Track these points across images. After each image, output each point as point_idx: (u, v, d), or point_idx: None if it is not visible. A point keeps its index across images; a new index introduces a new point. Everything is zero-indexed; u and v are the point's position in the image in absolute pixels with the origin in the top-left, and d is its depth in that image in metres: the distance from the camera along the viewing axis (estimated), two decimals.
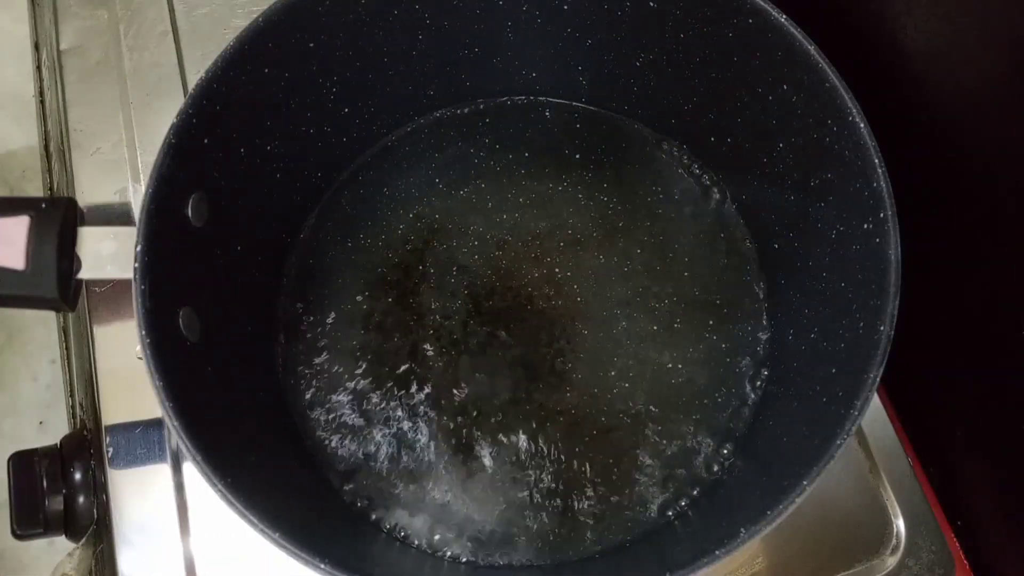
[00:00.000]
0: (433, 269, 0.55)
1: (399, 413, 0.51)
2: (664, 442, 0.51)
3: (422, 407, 0.51)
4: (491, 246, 0.55)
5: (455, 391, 0.52)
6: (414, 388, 0.52)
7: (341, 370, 0.52)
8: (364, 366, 0.52)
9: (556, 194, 0.57)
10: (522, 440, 0.51)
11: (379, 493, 0.50)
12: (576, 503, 0.50)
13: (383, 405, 0.51)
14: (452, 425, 0.51)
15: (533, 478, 0.50)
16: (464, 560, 0.49)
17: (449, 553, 0.49)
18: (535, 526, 0.49)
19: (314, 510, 0.47)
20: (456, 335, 0.53)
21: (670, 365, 0.52)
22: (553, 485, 0.50)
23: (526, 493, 0.50)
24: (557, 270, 0.55)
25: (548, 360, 0.52)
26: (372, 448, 0.51)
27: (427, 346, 0.53)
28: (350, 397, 0.52)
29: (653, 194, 0.57)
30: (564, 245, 0.55)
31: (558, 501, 0.50)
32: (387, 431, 0.51)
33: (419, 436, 0.51)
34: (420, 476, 0.50)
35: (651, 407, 0.51)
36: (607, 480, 0.50)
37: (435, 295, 0.54)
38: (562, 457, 0.50)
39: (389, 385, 0.52)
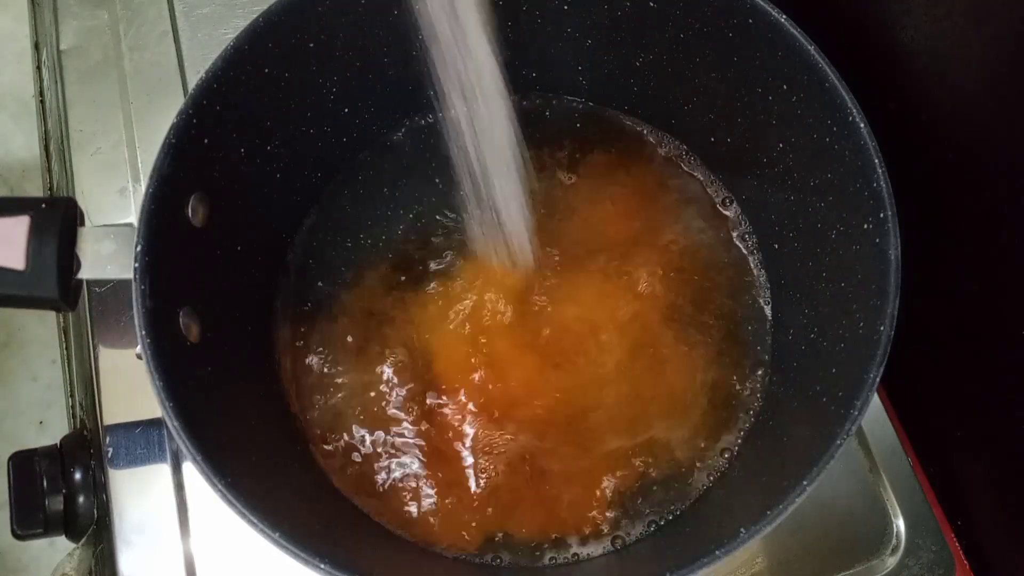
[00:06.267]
0: (433, 269, 0.55)
1: (400, 412, 0.51)
2: (664, 442, 0.51)
3: (423, 407, 0.51)
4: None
5: (456, 390, 0.52)
6: (415, 388, 0.52)
7: (341, 369, 0.52)
8: (365, 365, 0.52)
9: (556, 194, 0.57)
10: (522, 440, 0.51)
11: (380, 492, 0.50)
12: (577, 505, 0.50)
13: (384, 404, 0.51)
14: (453, 423, 0.51)
15: (532, 479, 0.50)
16: (464, 560, 0.49)
17: (449, 553, 0.49)
18: (532, 527, 0.49)
19: (314, 510, 0.47)
20: (460, 336, 0.53)
21: (670, 365, 0.52)
22: (552, 487, 0.50)
23: (524, 496, 0.50)
24: (557, 269, 0.54)
25: (548, 360, 0.52)
26: (372, 447, 0.51)
27: (431, 347, 0.53)
28: (350, 396, 0.51)
29: (653, 194, 0.57)
30: (564, 245, 0.55)
31: (558, 504, 0.50)
32: (387, 430, 0.51)
33: (419, 435, 0.51)
34: (421, 475, 0.50)
35: (651, 407, 0.51)
36: (607, 481, 0.50)
37: (435, 295, 0.54)
38: (562, 458, 0.50)
39: (390, 384, 0.52)
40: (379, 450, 0.50)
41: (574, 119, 0.59)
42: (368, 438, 0.51)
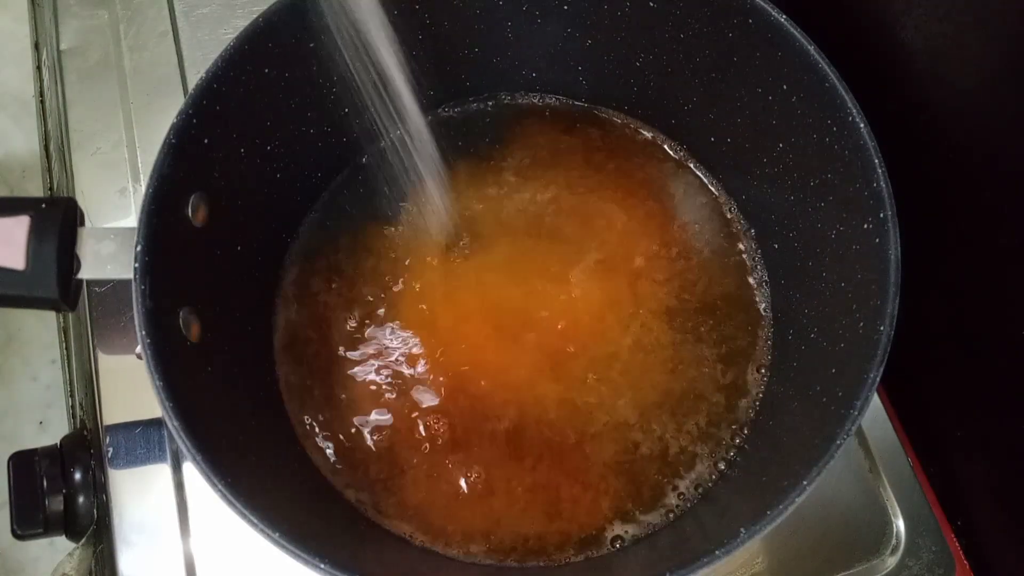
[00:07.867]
0: (434, 270, 0.54)
1: (400, 413, 0.51)
2: (664, 443, 0.51)
3: (423, 408, 0.51)
4: (492, 246, 0.55)
5: (456, 390, 0.52)
6: (415, 388, 0.52)
7: (342, 369, 0.52)
8: (364, 365, 0.52)
9: (555, 194, 0.57)
10: (522, 440, 0.51)
11: (380, 493, 0.50)
12: (576, 504, 0.50)
13: (383, 404, 0.51)
14: (453, 423, 0.51)
15: (532, 479, 0.50)
16: (463, 560, 0.49)
17: (447, 553, 0.49)
18: (532, 527, 0.49)
19: (314, 510, 0.47)
20: (458, 335, 0.53)
21: (670, 365, 0.52)
22: (552, 487, 0.50)
23: (524, 495, 0.50)
24: (557, 269, 0.54)
25: (550, 359, 0.52)
26: (373, 447, 0.51)
27: (428, 346, 0.53)
28: (350, 397, 0.51)
29: (653, 195, 0.57)
30: (564, 245, 0.55)
31: (557, 503, 0.50)
32: (388, 429, 0.51)
33: (420, 436, 0.51)
34: (420, 476, 0.50)
35: (651, 407, 0.51)
36: (606, 481, 0.50)
37: (436, 295, 0.54)
38: (562, 458, 0.50)
39: (390, 385, 0.52)
40: (378, 450, 0.50)
41: (574, 119, 0.59)
42: (367, 438, 0.51)
